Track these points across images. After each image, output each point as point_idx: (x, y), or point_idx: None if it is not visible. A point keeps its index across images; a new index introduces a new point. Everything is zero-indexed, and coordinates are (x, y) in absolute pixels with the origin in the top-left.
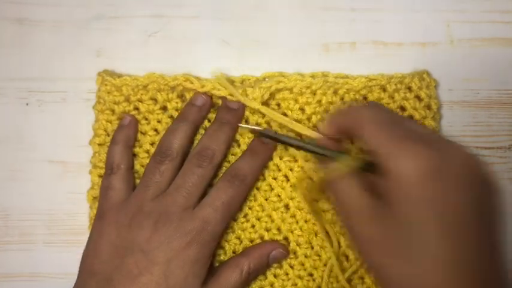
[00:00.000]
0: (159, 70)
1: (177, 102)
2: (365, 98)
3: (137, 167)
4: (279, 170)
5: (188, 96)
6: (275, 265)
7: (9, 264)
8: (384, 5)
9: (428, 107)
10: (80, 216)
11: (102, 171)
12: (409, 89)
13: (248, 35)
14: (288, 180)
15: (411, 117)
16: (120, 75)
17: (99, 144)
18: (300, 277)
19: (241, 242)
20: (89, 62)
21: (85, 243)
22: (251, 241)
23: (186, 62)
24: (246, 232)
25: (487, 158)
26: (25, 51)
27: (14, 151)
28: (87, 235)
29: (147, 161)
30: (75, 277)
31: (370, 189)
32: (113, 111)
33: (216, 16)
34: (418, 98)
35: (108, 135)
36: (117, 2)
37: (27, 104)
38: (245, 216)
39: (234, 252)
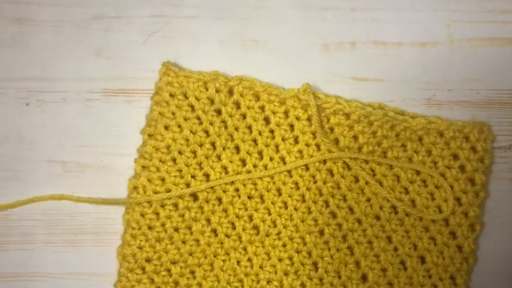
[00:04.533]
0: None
1: (232, 108)
2: (420, 139)
3: (181, 165)
4: (320, 194)
5: (244, 104)
6: None
7: (9, 264)
8: (384, 5)
9: (481, 160)
10: (80, 216)
11: (147, 162)
12: (466, 138)
13: (248, 35)
14: (328, 206)
15: (463, 167)
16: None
17: (149, 135)
18: None
19: (270, 258)
20: (89, 62)
21: (85, 243)
22: (280, 259)
23: (186, 61)
24: (276, 250)
25: None
26: (25, 51)
27: (14, 151)
28: (87, 235)
29: (192, 161)
30: (76, 277)
31: None
32: (167, 103)
33: (216, 16)
34: (474, 149)
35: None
36: (117, 2)
37: (27, 104)
38: (278, 233)
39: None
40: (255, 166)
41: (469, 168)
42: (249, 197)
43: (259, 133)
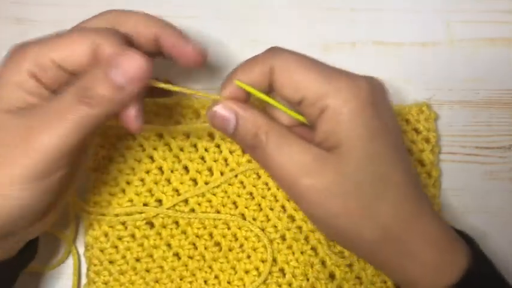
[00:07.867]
0: (159, 70)
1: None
2: None
3: (131, 195)
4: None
5: (185, 123)
6: None
7: None
8: (384, 5)
9: (427, 140)
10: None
11: (96, 198)
12: (407, 121)
13: (248, 35)
14: (285, 211)
15: (409, 150)
16: None
17: (94, 170)
18: None
19: (236, 272)
20: None
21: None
22: (246, 272)
23: None
24: (241, 263)
25: (487, 158)
26: None
27: None
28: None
29: (142, 189)
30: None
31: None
32: (105, 133)
33: (216, 16)
34: (416, 130)
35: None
36: (117, 2)
37: None
38: (241, 246)
39: (229, 282)
40: (206, 183)
41: (416, 150)
42: None
43: (206, 150)
